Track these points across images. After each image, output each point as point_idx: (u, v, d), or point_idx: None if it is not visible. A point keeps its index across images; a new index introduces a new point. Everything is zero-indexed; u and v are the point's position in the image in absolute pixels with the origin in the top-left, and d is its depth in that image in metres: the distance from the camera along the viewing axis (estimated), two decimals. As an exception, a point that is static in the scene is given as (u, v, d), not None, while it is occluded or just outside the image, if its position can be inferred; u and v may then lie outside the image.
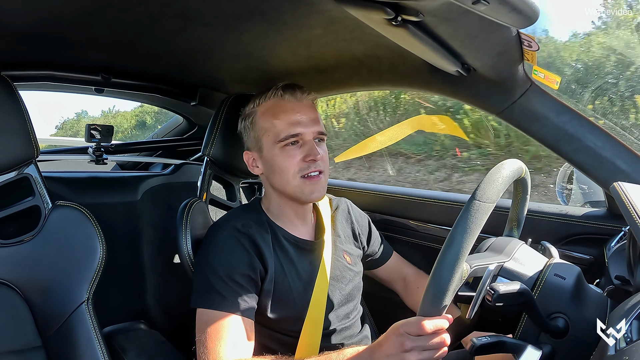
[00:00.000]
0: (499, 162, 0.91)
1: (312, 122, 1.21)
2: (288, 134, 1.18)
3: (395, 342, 0.87)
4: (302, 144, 1.20)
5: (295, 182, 1.19)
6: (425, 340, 0.85)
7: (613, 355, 0.65)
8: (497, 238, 1.08)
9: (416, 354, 0.85)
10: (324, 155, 1.22)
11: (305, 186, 1.19)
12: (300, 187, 1.19)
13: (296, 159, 1.19)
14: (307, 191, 1.20)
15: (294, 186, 1.20)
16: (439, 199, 1.71)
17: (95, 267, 1.17)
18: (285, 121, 1.19)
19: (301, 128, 1.19)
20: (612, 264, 1.07)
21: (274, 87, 1.24)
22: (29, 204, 1.18)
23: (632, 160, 1.15)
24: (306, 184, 1.19)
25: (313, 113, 1.23)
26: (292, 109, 1.21)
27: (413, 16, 0.87)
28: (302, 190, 1.19)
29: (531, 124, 1.24)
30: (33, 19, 1.23)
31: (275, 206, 1.27)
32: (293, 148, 1.19)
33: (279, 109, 1.21)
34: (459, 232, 0.79)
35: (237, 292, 1.10)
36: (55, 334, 1.12)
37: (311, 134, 1.20)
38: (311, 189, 1.20)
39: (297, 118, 1.19)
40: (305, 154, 1.18)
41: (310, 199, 1.22)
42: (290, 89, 1.23)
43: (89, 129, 1.90)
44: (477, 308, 0.86)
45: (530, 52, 1.09)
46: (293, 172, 1.18)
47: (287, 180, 1.20)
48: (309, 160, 1.18)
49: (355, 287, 1.32)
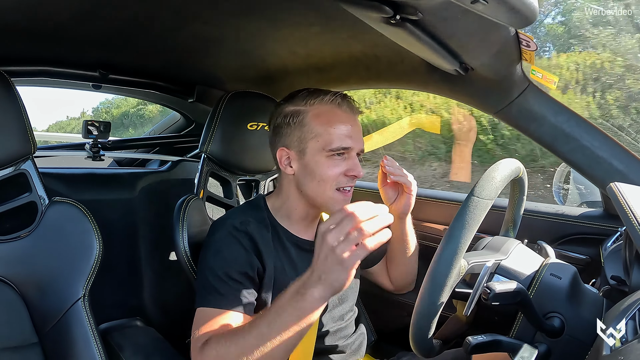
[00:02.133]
0: (497, 161, 0.91)
1: (360, 138, 1.20)
2: (340, 145, 1.15)
3: (321, 246, 0.85)
4: (347, 157, 1.17)
5: (330, 193, 1.17)
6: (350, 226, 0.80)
7: (608, 355, 0.65)
8: (494, 237, 1.08)
9: (344, 244, 0.81)
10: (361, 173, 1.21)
11: (339, 199, 1.17)
12: (334, 199, 1.17)
13: (339, 169, 1.16)
14: (338, 204, 1.17)
15: (328, 196, 1.17)
16: (437, 198, 1.71)
17: (91, 264, 1.16)
18: (341, 131, 1.16)
19: (352, 142, 1.17)
20: (608, 264, 1.07)
21: (329, 92, 1.20)
22: (25, 200, 1.17)
23: (628, 160, 1.16)
24: (340, 197, 1.17)
25: (360, 128, 1.22)
26: (347, 120, 1.18)
27: (411, 15, 0.87)
28: (334, 202, 1.17)
29: (528, 123, 1.24)
30: (31, 14, 1.22)
31: (288, 207, 1.25)
32: (339, 159, 1.17)
33: (335, 118, 1.17)
34: (458, 227, 0.80)
35: (236, 289, 1.09)
36: (52, 330, 1.12)
37: (358, 150, 1.19)
38: (343, 202, 1.18)
39: (351, 131, 1.17)
40: (349, 168, 1.17)
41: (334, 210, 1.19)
42: (348, 100, 1.20)
43: (86, 125, 1.89)
44: (474, 306, 0.87)
45: (529, 52, 1.09)
46: (332, 183, 1.16)
47: (324, 189, 1.17)
48: (351, 175, 1.17)
49: (350, 288, 1.32)
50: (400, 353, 1.45)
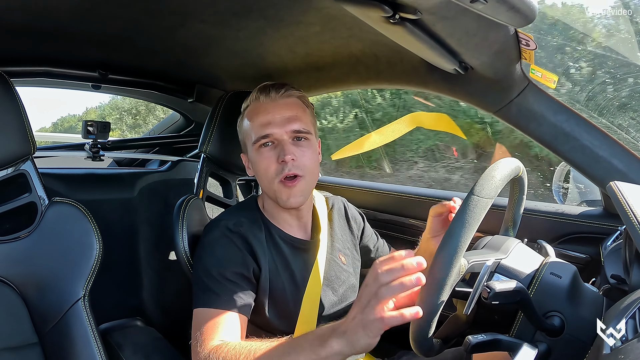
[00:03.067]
0: (496, 160, 0.91)
1: (285, 120, 1.16)
2: (259, 135, 1.16)
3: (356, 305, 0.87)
4: (276, 145, 1.17)
5: (274, 187, 1.17)
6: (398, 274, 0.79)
7: (608, 354, 0.65)
8: (494, 236, 1.08)
9: (386, 289, 0.79)
10: (301, 156, 1.17)
11: (283, 191, 1.16)
12: (279, 192, 1.17)
13: (271, 160, 1.16)
14: (284, 197, 1.17)
15: (273, 190, 1.17)
16: (436, 197, 1.71)
17: (91, 264, 1.16)
18: (257, 123, 1.17)
19: (271, 128, 1.15)
20: (608, 263, 1.07)
21: (254, 90, 1.22)
22: (25, 200, 1.17)
23: (628, 159, 1.16)
24: (283, 189, 1.16)
25: (288, 111, 1.18)
26: (265, 110, 1.18)
27: (411, 14, 0.87)
28: (280, 195, 1.17)
29: (528, 122, 1.24)
30: (30, 14, 1.22)
31: (269, 205, 1.26)
32: (267, 150, 1.17)
33: (254, 112, 1.19)
34: (458, 226, 0.79)
35: (231, 289, 1.09)
36: (52, 330, 1.12)
37: (284, 133, 1.16)
38: (288, 193, 1.16)
39: (268, 118, 1.16)
40: (277, 155, 1.15)
41: (287, 205, 1.18)
42: (265, 90, 1.20)
43: (85, 125, 1.89)
44: (474, 305, 0.86)
45: (528, 51, 1.09)
46: (270, 176, 1.16)
47: (267, 184, 1.18)
48: (281, 161, 1.15)
49: (349, 287, 1.31)
50: (401, 352, 1.44)
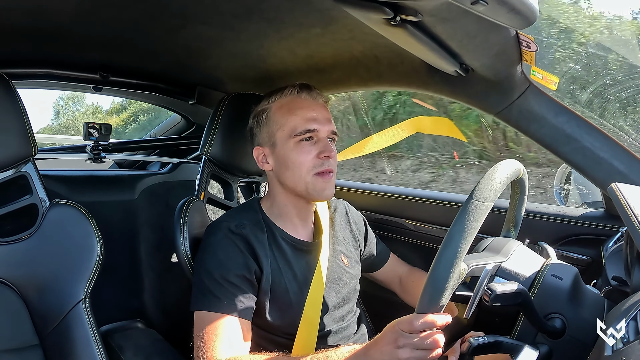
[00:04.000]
0: (497, 162, 0.91)
1: (327, 120, 1.22)
2: (305, 128, 1.19)
3: (389, 338, 0.87)
4: (316, 141, 1.20)
5: (308, 179, 1.19)
6: (418, 338, 0.84)
7: (610, 356, 0.65)
8: (495, 238, 1.08)
9: (408, 351, 0.84)
10: (335, 154, 1.23)
11: (318, 183, 1.19)
12: (313, 184, 1.19)
13: (311, 154, 1.19)
14: (319, 188, 1.20)
15: (306, 182, 1.19)
16: (437, 198, 1.71)
17: (92, 266, 1.16)
18: (302, 117, 1.20)
19: (317, 124, 1.20)
20: (610, 265, 1.07)
21: (289, 85, 1.25)
22: (26, 202, 1.18)
23: (629, 161, 1.16)
24: (319, 181, 1.19)
25: (327, 113, 1.25)
26: (309, 106, 1.22)
27: (412, 16, 0.87)
28: (314, 187, 1.19)
29: (529, 124, 1.24)
30: (31, 16, 1.22)
31: (278, 205, 1.26)
32: (308, 144, 1.20)
33: (296, 105, 1.22)
34: (457, 231, 0.79)
35: (233, 293, 1.09)
36: (53, 332, 1.12)
37: (326, 131, 1.21)
38: (323, 186, 1.20)
39: (313, 115, 1.20)
40: (320, 151, 1.19)
41: (321, 197, 1.22)
42: (307, 88, 1.24)
43: (86, 127, 1.89)
44: (475, 308, 0.86)
45: (529, 52, 1.09)
46: (307, 168, 1.19)
47: (300, 176, 1.19)
48: (323, 157, 1.18)
49: (351, 289, 1.32)
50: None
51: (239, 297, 1.10)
